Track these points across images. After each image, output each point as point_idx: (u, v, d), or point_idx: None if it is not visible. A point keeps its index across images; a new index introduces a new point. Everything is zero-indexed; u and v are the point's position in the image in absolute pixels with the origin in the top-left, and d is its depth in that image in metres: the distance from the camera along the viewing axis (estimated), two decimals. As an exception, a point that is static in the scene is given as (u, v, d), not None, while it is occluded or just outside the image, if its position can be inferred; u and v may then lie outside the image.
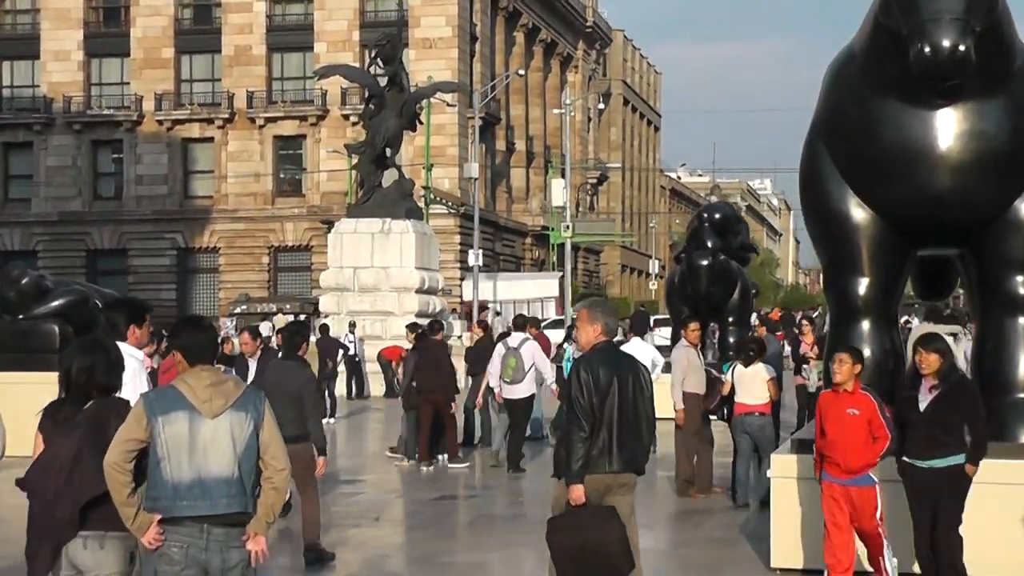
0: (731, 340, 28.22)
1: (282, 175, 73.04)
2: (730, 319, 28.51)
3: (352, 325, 34.31)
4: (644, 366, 9.62)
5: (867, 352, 12.02)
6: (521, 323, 21.36)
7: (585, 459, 8.93)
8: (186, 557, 6.98)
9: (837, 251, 12.29)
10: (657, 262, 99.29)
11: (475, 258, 53.23)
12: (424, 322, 24.36)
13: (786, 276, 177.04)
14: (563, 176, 71.36)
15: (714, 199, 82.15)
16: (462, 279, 63.66)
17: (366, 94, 40.64)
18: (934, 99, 11.57)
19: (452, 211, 65.75)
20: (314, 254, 71.46)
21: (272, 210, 71.85)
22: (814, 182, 12.40)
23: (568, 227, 57.34)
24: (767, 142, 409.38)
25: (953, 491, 10.27)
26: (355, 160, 67.80)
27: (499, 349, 20.40)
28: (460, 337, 37.10)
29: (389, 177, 38.90)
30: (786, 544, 11.68)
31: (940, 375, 10.28)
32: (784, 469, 11.84)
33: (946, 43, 10.86)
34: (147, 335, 9.46)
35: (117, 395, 7.51)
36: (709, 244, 28.42)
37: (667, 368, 18.72)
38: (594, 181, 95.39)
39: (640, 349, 19.70)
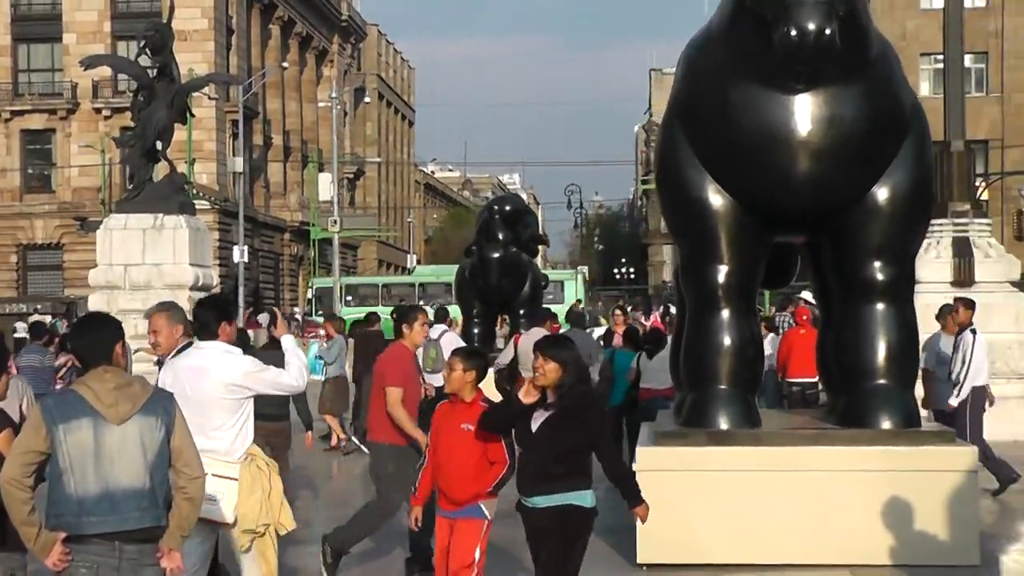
0: (522, 332, 28.11)
1: (30, 170, 70.51)
2: (521, 311, 28.43)
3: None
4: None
5: (727, 341, 11.91)
6: (442, 315, 21.80)
7: None
8: None
9: (695, 238, 12.06)
10: (414, 256, 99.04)
11: (240, 254, 52.08)
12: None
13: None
14: (322, 170, 70.62)
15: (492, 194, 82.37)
16: (223, 276, 62.28)
17: (135, 86, 39.20)
18: (793, 84, 11.45)
19: (215, 206, 64.31)
20: (66, 252, 69.29)
21: (20, 207, 69.33)
22: (672, 168, 12.15)
23: (336, 222, 56.54)
24: (517, 137, 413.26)
25: (563, 539, 8.02)
26: (110, 155, 66.72)
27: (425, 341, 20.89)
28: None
29: (159, 171, 37.67)
30: (653, 539, 11.36)
31: (560, 389, 8.01)
32: (649, 461, 11.56)
33: (811, 26, 10.76)
34: (235, 332, 8.74)
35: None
36: (500, 236, 28.23)
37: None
38: (351, 176, 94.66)
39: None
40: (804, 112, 11.49)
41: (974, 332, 15.80)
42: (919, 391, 15.85)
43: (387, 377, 11.08)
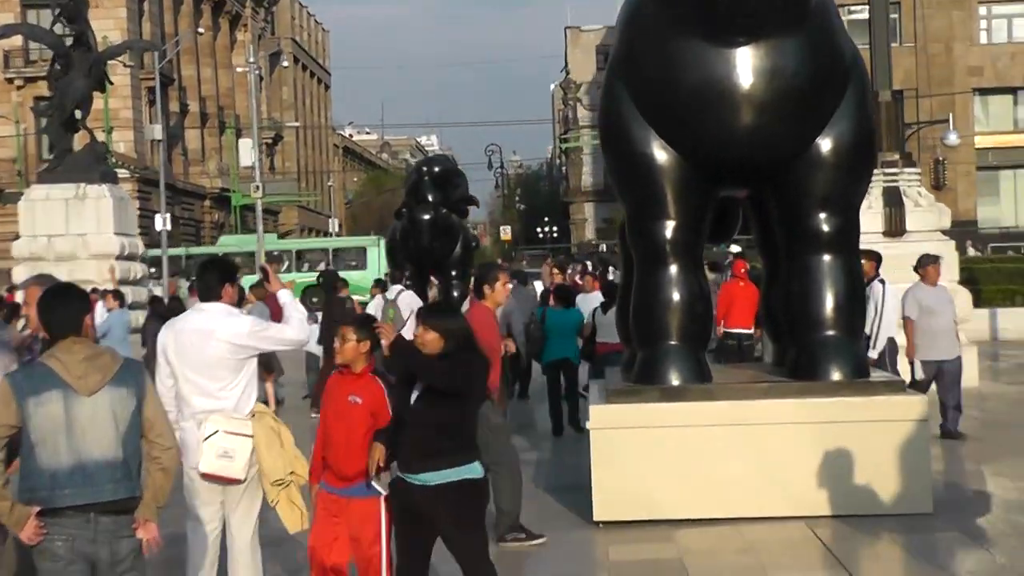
0: (455, 294, 28.11)
1: (-57, 143, 69.29)
2: (453, 272, 28.43)
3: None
4: None
5: (675, 297, 11.93)
6: (397, 276, 22.56)
7: None
8: (72, 551, 6.23)
9: (641, 194, 12.04)
10: (336, 221, 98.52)
11: (163, 222, 51.60)
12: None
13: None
14: (240, 136, 69.92)
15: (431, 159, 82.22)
16: (148, 246, 61.66)
17: (51, 54, 38.73)
18: (734, 38, 11.45)
19: (134, 175, 63.62)
20: (-17, 225, 68.22)
21: (-67, 180, 68.16)
22: (614, 124, 12.11)
23: (259, 188, 56.05)
24: (433, 99, 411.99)
25: (462, 515, 7.59)
26: (24, 126, 65.81)
27: (378, 301, 21.42)
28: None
29: (79, 141, 37.29)
30: (609, 497, 11.41)
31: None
32: (602, 420, 11.59)
33: (753, -24, 10.80)
34: (237, 294, 8.72)
35: None
36: (430, 198, 28.14)
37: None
38: (270, 141, 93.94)
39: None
40: (745, 65, 11.48)
41: (883, 283, 16.02)
42: (902, 341, 16.09)
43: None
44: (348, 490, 8.12)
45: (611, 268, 39.67)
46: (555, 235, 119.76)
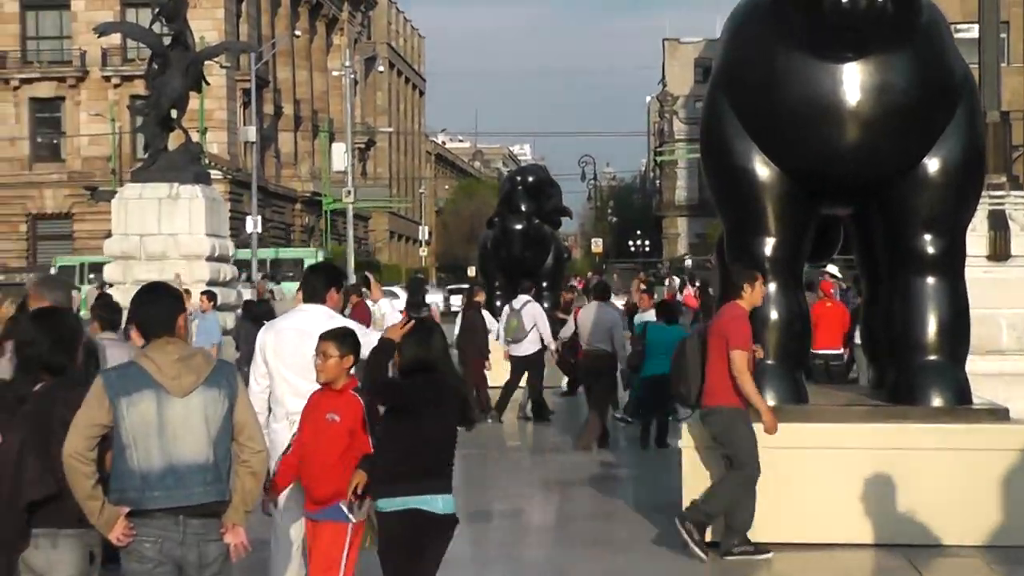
0: (545, 305, 28.10)
1: (39, 139, 70.40)
2: (544, 284, 28.42)
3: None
4: None
5: (773, 315, 11.82)
6: (526, 287, 23.11)
7: None
8: (160, 552, 6.24)
9: (742, 211, 11.96)
10: (425, 228, 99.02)
11: (254, 225, 52.03)
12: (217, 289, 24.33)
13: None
14: (333, 140, 70.28)
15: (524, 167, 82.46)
16: (237, 247, 62.28)
17: (148, 54, 39.09)
18: (841, 52, 11.35)
19: (227, 176, 64.25)
20: (75, 222, 69.26)
21: (29, 176, 69.25)
22: (716, 139, 12.05)
23: (350, 192, 56.41)
24: (528, 108, 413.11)
25: (410, 550, 7.28)
26: (119, 124, 66.57)
27: (505, 311, 22.15)
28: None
29: (173, 140, 37.62)
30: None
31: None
32: (694, 438, 11.50)
33: (864, -9, 10.69)
34: (342, 300, 8.94)
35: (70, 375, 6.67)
36: (523, 208, 28.22)
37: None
38: (362, 146, 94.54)
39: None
40: (853, 81, 11.37)
41: None
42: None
43: (731, 339, 10.88)
44: (320, 514, 7.84)
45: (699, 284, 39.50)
46: (647, 249, 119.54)
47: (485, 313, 22.50)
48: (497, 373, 21.85)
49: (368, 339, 8.39)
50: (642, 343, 18.45)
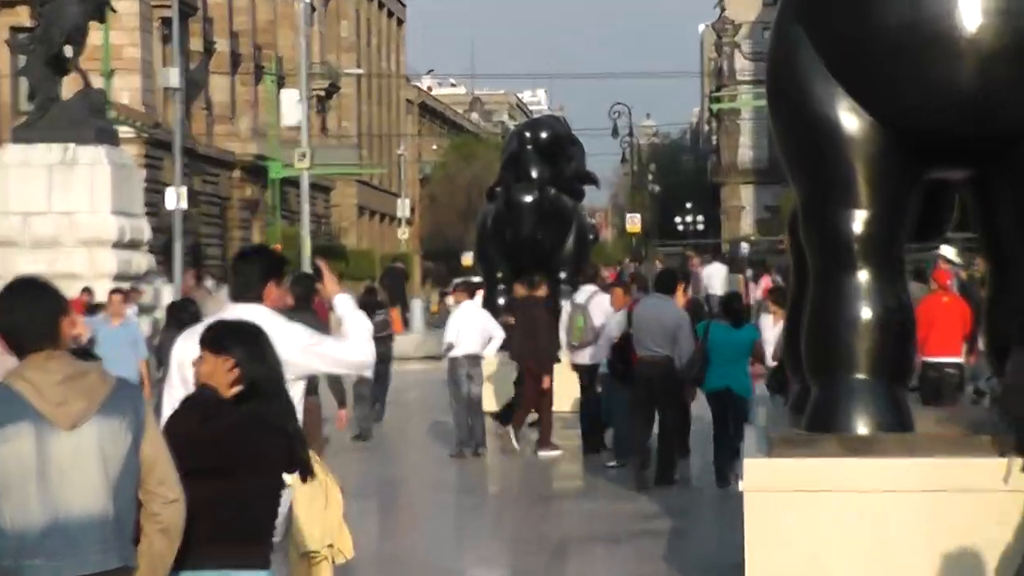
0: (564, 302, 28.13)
1: None
2: (562, 273, 28.25)
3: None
4: None
5: (866, 313, 11.85)
6: (591, 273, 24.09)
7: None
8: None
9: (822, 174, 11.98)
10: (407, 202, 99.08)
11: (176, 199, 52.00)
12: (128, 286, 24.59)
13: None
14: (283, 86, 70.01)
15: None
16: (155, 229, 62.40)
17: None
18: (958, -36, 11.40)
19: (141, 134, 64.34)
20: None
21: None
22: (789, 81, 12.11)
23: (305, 155, 56.37)
24: (540, 44, 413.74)
25: None
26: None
27: (565, 307, 22.88)
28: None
29: (68, 87, 37.64)
30: (767, 582, 11.35)
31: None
32: (760, 479, 11.50)
33: None
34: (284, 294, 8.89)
35: None
36: (534, 174, 28.23)
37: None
38: (322, 93, 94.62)
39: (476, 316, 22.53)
40: (972, 3, 11.36)
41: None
42: None
43: None
44: None
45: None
46: (700, 227, 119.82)
47: (485, 315, 22.60)
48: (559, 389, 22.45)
49: (322, 349, 8.38)
50: (703, 348, 18.73)
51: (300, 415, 8.39)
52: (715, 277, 46.73)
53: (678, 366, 18.69)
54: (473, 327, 22.27)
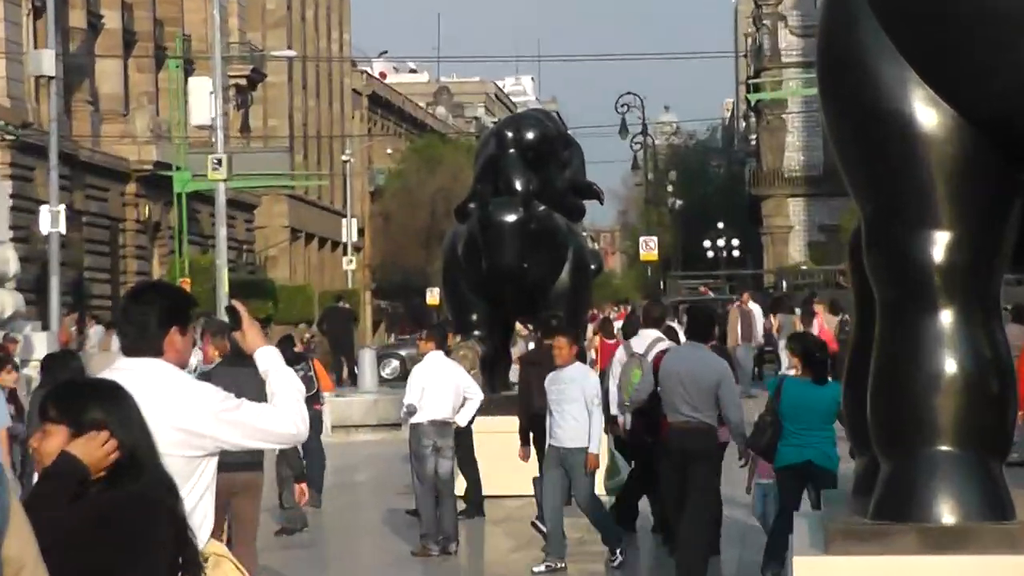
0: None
1: None
2: (556, 316, 28.31)
3: None
4: None
5: (951, 365, 11.81)
6: (656, 314, 24.40)
7: None
8: None
9: (890, 184, 12.02)
10: (354, 222, 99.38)
11: (52, 220, 52.14)
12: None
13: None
14: (192, 73, 70.29)
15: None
16: (24, 259, 62.48)
17: None
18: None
19: (6, 137, 64.56)
20: None
21: None
22: (847, 62, 12.16)
23: (221, 163, 56.48)
24: (525, 19, 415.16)
25: None
26: None
27: (619, 356, 23.17)
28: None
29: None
30: None
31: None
32: (815, 581, 11.55)
33: None
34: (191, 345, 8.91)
35: None
36: (518, 186, 28.21)
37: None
38: (243, 83, 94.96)
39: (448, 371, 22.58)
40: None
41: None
42: None
43: None
44: None
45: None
46: (735, 253, 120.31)
47: (458, 370, 22.63)
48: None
49: (239, 416, 8.38)
50: (774, 411, 18.55)
51: (211, 500, 8.40)
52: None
53: (732, 436, 18.69)
54: (442, 385, 22.08)
